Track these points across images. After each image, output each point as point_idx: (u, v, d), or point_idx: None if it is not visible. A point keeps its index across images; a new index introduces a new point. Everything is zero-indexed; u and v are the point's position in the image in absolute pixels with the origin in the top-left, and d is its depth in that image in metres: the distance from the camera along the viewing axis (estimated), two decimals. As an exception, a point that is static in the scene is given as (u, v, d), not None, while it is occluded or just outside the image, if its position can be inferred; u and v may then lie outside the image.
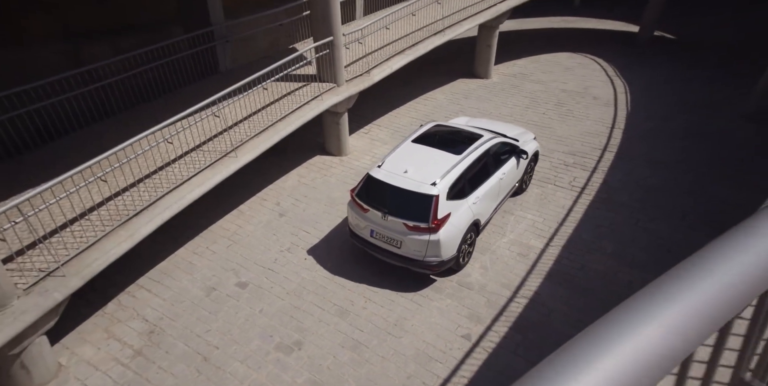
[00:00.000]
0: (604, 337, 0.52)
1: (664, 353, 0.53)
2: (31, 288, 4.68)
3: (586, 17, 18.55)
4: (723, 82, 12.65)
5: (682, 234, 7.52)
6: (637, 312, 0.57)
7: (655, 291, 0.60)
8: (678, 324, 0.56)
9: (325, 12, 8.03)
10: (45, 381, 5.12)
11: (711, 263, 0.62)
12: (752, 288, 0.63)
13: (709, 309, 0.58)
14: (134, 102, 8.30)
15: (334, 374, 5.45)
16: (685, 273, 0.62)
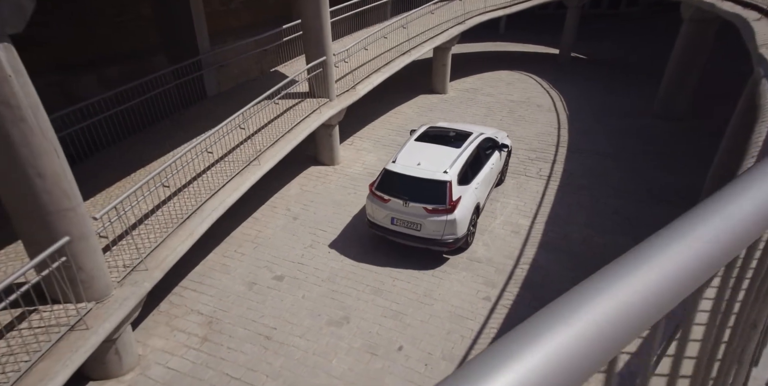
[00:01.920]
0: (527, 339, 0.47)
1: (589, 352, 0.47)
2: (123, 281, 5.15)
3: (512, 42, 21.13)
4: (629, 91, 15.15)
5: (633, 207, 9.19)
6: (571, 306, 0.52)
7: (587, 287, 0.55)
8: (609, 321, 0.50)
9: (318, 35, 9.10)
10: (131, 367, 5.50)
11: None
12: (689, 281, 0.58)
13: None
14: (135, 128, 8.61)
15: (384, 338, 6.27)
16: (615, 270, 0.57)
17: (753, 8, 8.31)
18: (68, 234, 4.36)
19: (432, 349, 6.12)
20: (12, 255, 5.30)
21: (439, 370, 5.82)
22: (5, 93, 3.56)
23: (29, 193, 4.05)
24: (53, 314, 4.57)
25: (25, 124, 3.76)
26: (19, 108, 3.68)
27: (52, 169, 4.07)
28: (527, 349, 0.47)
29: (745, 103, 6.93)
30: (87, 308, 4.70)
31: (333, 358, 5.99)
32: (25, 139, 3.80)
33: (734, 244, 0.67)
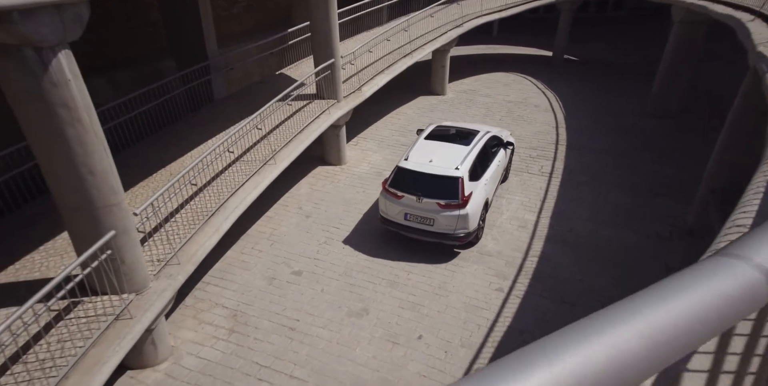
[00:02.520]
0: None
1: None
2: (158, 274, 5.37)
3: (505, 45, 21.61)
4: (622, 91, 15.64)
5: (633, 201, 9.58)
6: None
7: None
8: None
9: (327, 38, 9.38)
10: (166, 356, 5.71)
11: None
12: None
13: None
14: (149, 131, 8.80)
15: (403, 328, 6.54)
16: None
17: (744, 10, 8.76)
18: (114, 229, 4.58)
19: (450, 337, 6.40)
20: (51, 251, 5.49)
21: (459, 357, 6.11)
22: (64, 96, 3.79)
23: (80, 189, 4.27)
24: (98, 305, 4.78)
25: (81, 125, 3.99)
26: (76, 110, 3.91)
27: (101, 167, 4.30)
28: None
29: (742, 100, 7.34)
30: (128, 299, 4.92)
31: (356, 347, 6.25)
32: (79, 138, 4.02)
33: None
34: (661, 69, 13.43)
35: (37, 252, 5.46)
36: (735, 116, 7.67)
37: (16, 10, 3.16)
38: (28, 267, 5.21)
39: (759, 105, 7.24)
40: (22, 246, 5.47)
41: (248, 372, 5.84)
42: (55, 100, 3.75)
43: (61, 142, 3.97)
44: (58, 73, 3.69)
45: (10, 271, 5.11)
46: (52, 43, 3.56)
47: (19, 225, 5.87)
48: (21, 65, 3.49)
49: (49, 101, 3.74)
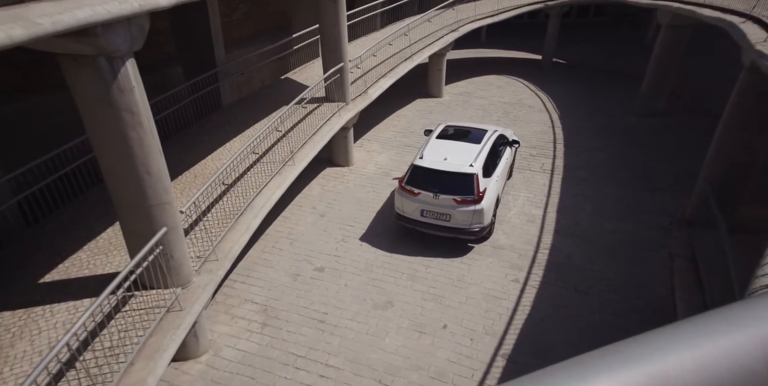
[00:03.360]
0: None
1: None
2: (199, 269, 5.59)
3: (494, 48, 22.22)
4: (611, 92, 16.29)
5: (631, 195, 10.08)
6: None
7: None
8: None
9: (337, 43, 9.69)
10: (206, 349, 5.92)
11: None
12: None
13: None
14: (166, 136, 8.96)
15: (428, 318, 6.85)
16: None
17: (731, 13, 9.35)
18: (165, 225, 4.80)
19: (474, 326, 6.73)
20: (95, 250, 5.66)
21: (485, 343, 6.44)
22: (129, 101, 4.02)
23: (138, 187, 4.49)
24: (149, 298, 4.99)
25: (142, 128, 4.22)
26: (139, 114, 4.15)
27: (157, 167, 4.53)
28: None
29: (738, 97, 7.86)
30: (176, 292, 5.14)
31: (385, 337, 6.54)
32: (140, 140, 4.25)
33: None
34: (649, 70, 14.07)
35: (82, 251, 5.63)
36: (731, 113, 8.18)
37: (100, 24, 3.38)
38: (76, 265, 5.38)
39: (754, 101, 7.78)
40: (67, 246, 5.63)
41: (285, 362, 6.07)
42: (121, 106, 3.98)
43: (123, 143, 4.19)
44: (125, 80, 3.93)
45: (61, 269, 5.27)
46: (122, 53, 3.79)
47: (60, 228, 6.02)
48: (94, 74, 3.71)
49: (116, 106, 3.96)
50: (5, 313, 4.65)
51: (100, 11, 3.26)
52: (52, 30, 2.87)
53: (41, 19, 2.80)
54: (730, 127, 8.27)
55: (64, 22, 2.96)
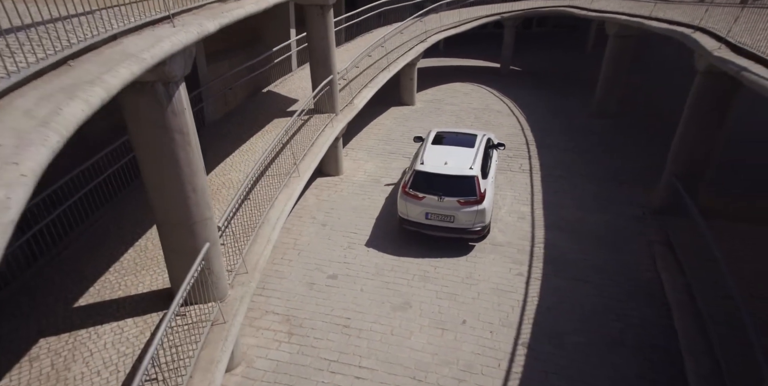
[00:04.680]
0: None
1: None
2: (232, 283, 5.66)
3: (452, 58, 23.13)
4: (566, 96, 17.45)
5: (605, 189, 10.93)
6: None
7: None
8: None
9: (325, 56, 9.95)
10: (239, 361, 5.98)
11: None
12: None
13: None
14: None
15: (446, 315, 7.20)
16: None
17: (677, 24, 10.43)
18: (208, 241, 4.89)
19: (491, 319, 7.15)
20: (122, 271, 5.60)
21: (504, 334, 6.86)
22: (180, 123, 4.13)
23: (184, 205, 4.56)
24: (192, 313, 5.03)
25: (190, 148, 4.33)
26: (188, 134, 4.25)
27: (201, 184, 4.63)
28: None
29: (695, 99, 8.80)
30: (217, 306, 5.21)
31: (410, 336, 6.82)
32: (188, 159, 4.35)
33: None
34: (602, 76, 15.25)
35: (109, 273, 5.55)
36: (689, 113, 9.14)
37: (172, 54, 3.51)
38: (107, 287, 5.31)
39: (708, 102, 8.75)
40: (92, 270, 5.54)
41: (319, 367, 6.22)
42: (174, 127, 4.09)
43: (173, 163, 4.27)
44: (178, 103, 4.04)
45: (93, 293, 5.19)
46: (177, 78, 3.92)
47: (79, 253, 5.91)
48: (152, 99, 3.80)
49: (169, 128, 4.06)
50: (50, 339, 4.56)
51: (176, 42, 3.39)
52: (152, 63, 3.00)
53: (144, 54, 2.93)
54: (689, 125, 9.24)
55: (157, 56, 3.10)
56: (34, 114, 1.89)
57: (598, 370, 6.35)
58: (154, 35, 3.30)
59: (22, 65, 2.20)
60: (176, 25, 3.66)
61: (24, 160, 1.65)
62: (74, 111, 2.05)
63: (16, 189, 1.54)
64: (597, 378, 6.23)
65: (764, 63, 6.67)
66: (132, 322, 4.90)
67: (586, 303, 7.52)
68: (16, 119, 1.82)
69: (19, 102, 1.94)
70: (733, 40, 7.85)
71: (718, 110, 8.77)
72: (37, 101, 2.00)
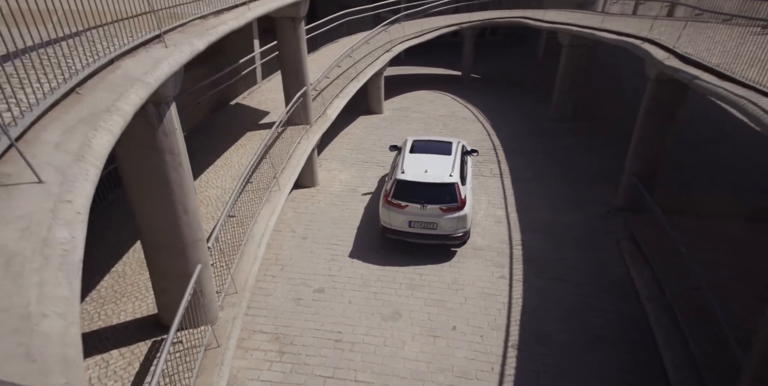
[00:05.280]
0: None
1: None
2: (222, 304, 5.50)
3: (414, 66, 23.50)
4: (524, 101, 18.10)
5: (573, 189, 11.40)
6: None
7: None
8: None
9: (299, 68, 9.91)
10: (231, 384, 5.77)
11: None
12: None
13: None
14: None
15: (436, 322, 7.28)
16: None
17: (626, 35, 11.09)
18: (199, 262, 4.75)
19: (479, 324, 7.28)
20: (100, 300, 5.33)
21: (494, 338, 7.00)
22: (171, 143, 4.01)
23: (175, 226, 4.42)
24: (184, 339, 4.86)
25: (182, 168, 4.21)
26: (179, 155, 4.14)
27: (193, 205, 4.50)
28: None
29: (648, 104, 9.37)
30: (209, 330, 5.05)
31: (403, 346, 6.84)
32: (180, 180, 4.22)
33: None
34: (558, 82, 15.96)
35: (86, 303, 5.27)
36: (643, 117, 9.71)
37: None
38: (86, 318, 5.04)
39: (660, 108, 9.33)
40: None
41: (314, 385, 6.13)
42: (165, 147, 3.97)
43: (164, 184, 4.14)
44: (169, 123, 3.93)
45: (77, 324, 4.92)
46: (169, 99, 3.81)
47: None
48: (143, 119, 3.67)
49: (160, 149, 3.94)
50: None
51: (173, 63, 3.31)
52: (156, 86, 2.91)
53: (147, 78, 2.84)
54: (645, 128, 9.81)
55: (159, 78, 3.01)
56: (65, 147, 1.81)
57: (583, 367, 6.60)
58: (151, 57, 3.22)
59: (38, 95, 2.09)
60: (168, 45, 3.57)
61: (76, 197, 1.58)
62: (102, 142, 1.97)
63: (77, 227, 1.48)
64: (583, 374, 6.47)
65: (710, 71, 7.23)
66: (118, 354, 4.68)
67: (567, 302, 7.80)
68: (51, 154, 1.74)
69: (46, 135, 1.85)
70: (680, 50, 8.45)
71: (668, 113, 9.39)
72: (63, 134, 1.92)
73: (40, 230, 1.44)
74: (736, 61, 6.93)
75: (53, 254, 1.40)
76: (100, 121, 2.12)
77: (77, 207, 1.55)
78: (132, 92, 2.61)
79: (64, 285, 1.38)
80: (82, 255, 1.44)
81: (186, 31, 4.23)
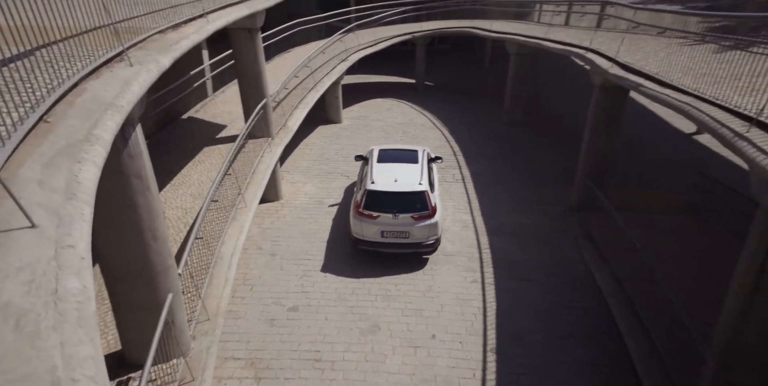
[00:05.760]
0: None
1: None
2: (193, 333, 5.20)
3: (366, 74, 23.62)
4: (477, 107, 18.61)
5: (533, 190, 11.79)
6: None
7: None
8: None
9: (258, 80, 9.68)
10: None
11: None
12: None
13: None
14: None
15: (416, 332, 7.24)
16: None
17: (570, 45, 11.69)
18: (170, 291, 4.47)
19: (458, 330, 7.32)
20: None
21: (473, 343, 7.05)
22: (138, 166, 3.75)
23: (144, 254, 4.13)
24: (153, 375, 4.54)
25: (149, 193, 3.94)
26: (147, 179, 3.88)
27: (162, 231, 4.23)
28: None
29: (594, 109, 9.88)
30: (182, 362, 4.76)
31: (385, 359, 6.75)
32: (148, 205, 3.96)
33: None
34: (508, 89, 16.54)
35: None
36: (591, 121, 10.23)
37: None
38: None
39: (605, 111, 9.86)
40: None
41: (300, 409, 5.91)
42: (131, 171, 3.71)
43: (132, 210, 3.86)
44: (135, 145, 3.67)
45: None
46: (134, 120, 3.57)
47: None
48: (107, 138, 3.42)
49: (126, 173, 3.68)
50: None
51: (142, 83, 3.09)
52: (129, 109, 2.69)
53: (120, 101, 2.62)
54: (593, 131, 10.33)
55: (132, 101, 2.80)
56: (51, 185, 1.62)
57: (559, 364, 6.78)
58: (117, 77, 2.99)
59: (8, 127, 1.85)
60: (133, 64, 3.35)
61: (77, 241, 1.42)
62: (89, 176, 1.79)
63: (85, 275, 1.31)
64: (560, 372, 6.65)
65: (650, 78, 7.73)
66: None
67: (537, 302, 8.00)
68: (36, 193, 1.55)
69: (25, 172, 1.65)
70: (621, 60, 9.00)
71: (612, 116, 9.96)
72: (44, 169, 1.72)
73: (48, 282, 1.27)
74: (671, 70, 7.47)
75: (68, 308, 1.24)
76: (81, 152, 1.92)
77: (80, 252, 1.38)
78: (108, 118, 2.40)
79: (87, 343, 1.23)
80: (95, 306, 1.28)
81: (147, 47, 4.00)
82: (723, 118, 4.97)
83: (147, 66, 3.43)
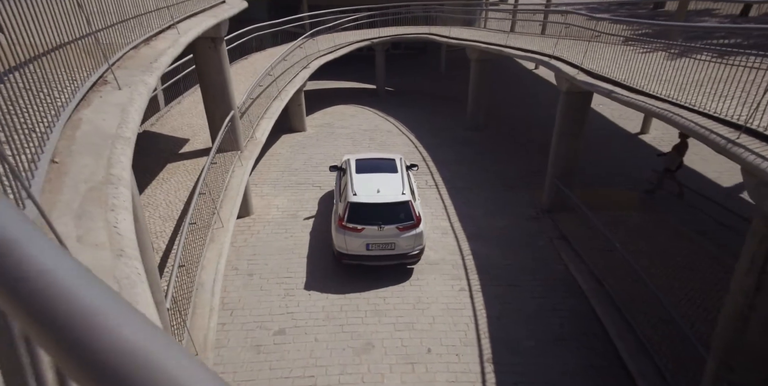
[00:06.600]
0: None
1: None
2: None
3: (326, 80, 23.33)
4: (439, 112, 18.76)
5: (503, 193, 11.94)
6: None
7: None
8: None
9: (223, 92, 9.20)
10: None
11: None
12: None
13: None
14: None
15: (410, 348, 7.07)
16: None
17: (531, 52, 12.00)
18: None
19: (452, 342, 7.21)
20: None
21: (469, 355, 6.97)
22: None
23: (134, 293, 3.72)
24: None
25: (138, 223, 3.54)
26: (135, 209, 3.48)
27: (152, 264, 3.83)
28: None
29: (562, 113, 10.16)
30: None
31: (382, 379, 6.52)
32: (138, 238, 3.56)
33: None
34: (470, 95, 16.79)
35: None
36: (559, 125, 10.51)
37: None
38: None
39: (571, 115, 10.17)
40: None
41: (302, 441, 5.57)
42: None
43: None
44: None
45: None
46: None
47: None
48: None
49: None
50: None
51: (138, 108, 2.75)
52: (134, 139, 2.34)
53: (125, 133, 2.27)
54: (561, 134, 10.62)
55: (133, 129, 2.45)
56: (91, 240, 1.32)
57: (552, 368, 6.82)
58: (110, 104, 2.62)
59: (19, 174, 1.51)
60: (122, 87, 2.96)
61: (145, 308, 1.15)
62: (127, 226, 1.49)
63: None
64: (553, 376, 6.69)
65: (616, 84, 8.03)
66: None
67: (524, 306, 8.06)
68: (79, 251, 1.25)
69: (57, 226, 1.33)
70: (586, 67, 9.30)
71: (578, 119, 10.29)
72: (77, 221, 1.40)
73: None
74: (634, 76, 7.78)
75: None
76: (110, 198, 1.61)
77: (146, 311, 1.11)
78: (120, 153, 2.07)
79: None
80: None
81: (126, 65, 3.59)
82: (709, 125, 5.16)
83: (137, 88, 3.05)
